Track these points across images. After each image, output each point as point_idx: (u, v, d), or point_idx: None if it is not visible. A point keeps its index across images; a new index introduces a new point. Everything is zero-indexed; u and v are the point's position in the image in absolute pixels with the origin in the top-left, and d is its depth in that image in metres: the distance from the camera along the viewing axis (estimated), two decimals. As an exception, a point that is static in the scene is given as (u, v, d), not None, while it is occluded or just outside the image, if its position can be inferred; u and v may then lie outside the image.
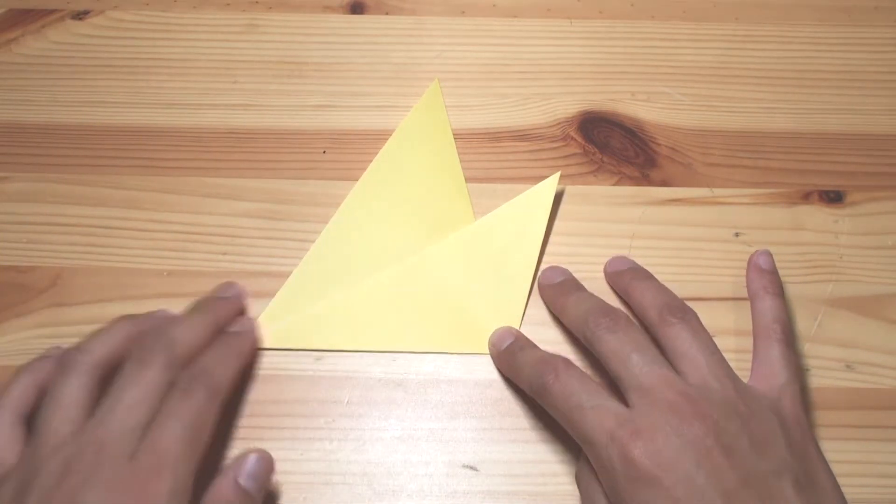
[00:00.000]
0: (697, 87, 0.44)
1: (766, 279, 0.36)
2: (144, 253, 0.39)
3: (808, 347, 0.37)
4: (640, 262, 0.38)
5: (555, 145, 0.42)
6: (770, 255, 0.37)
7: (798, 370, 0.33)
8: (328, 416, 0.35)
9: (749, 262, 0.37)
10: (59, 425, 0.29)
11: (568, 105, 0.43)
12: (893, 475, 0.35)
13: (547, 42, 0.45)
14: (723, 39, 0.45)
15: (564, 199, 0.40)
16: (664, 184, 0.41)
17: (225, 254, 0.39)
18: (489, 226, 0.39)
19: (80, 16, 0.45)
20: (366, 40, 0.45)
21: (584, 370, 0.32)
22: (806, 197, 0.41)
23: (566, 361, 0.32)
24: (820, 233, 0.40)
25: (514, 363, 0.34)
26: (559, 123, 0.42)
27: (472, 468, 0.34)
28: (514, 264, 0.38)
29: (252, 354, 0.36)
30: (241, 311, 0.37)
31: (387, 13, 0.46)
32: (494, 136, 0.42)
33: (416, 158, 0.41)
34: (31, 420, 0.31)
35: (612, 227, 0.40)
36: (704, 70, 0.44)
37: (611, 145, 0.42)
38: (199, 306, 0.35)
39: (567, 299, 0.35)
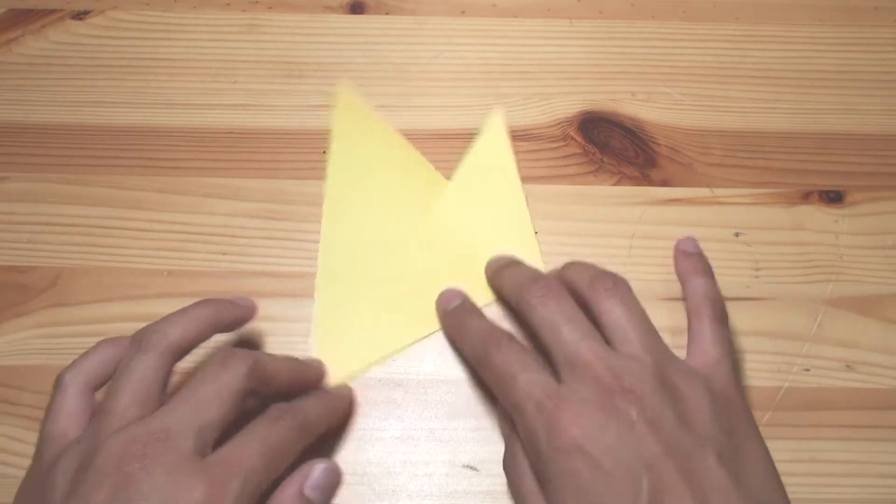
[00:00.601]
0: (697, 87, 0.44)
1: (693, 261, 0.36)
2: (144, 253, 0.39)
3: (808, 347, 0.37)
4: (641, 262, 0.38)
5: (555, 145, 0.42)
6: (694, 239, 0.38)
7: (730, 347, 0.33)
8: (328, 416, 0.35)
9: (675, 249, 0.38)
10: (128, 405, 0.29)
11: (568, 105, 0.43)
12: (893, 475, 0.35)
13: (547, 42, 0.45)
14: (723, 39, 0.45)
15: (564, 198, 0.40)
16: (664, 184, 0.41)
17: (225, 254, 0.39)
18: (465, 180, 0.40)
19: (80, 16, 0.45)
20: (366, 40, 0.45)
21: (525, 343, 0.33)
22: (806, 197, 0.41)
23: (510, 336, 0.32)
24: (820, 233, 0.40)
25: (461, 327, 0.35)
26: (559, 123, 0.42)
27: (472, 468, 0.34)
28: (505, 205, 0.39)
29: (344, 417, 0.35)
30: (321, 377, 0.36)
31: (387, 13, 0.46)
32: (494, 136, 0.42)
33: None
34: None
35: (612, 227, 0.40)
36: (704, 70, 0.44)
37: (611, 145, 0.42)
38: (286, 355, 0.34)
39: (505, 271, 0.36)
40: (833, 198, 0.40)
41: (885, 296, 0.38)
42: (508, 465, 0.32)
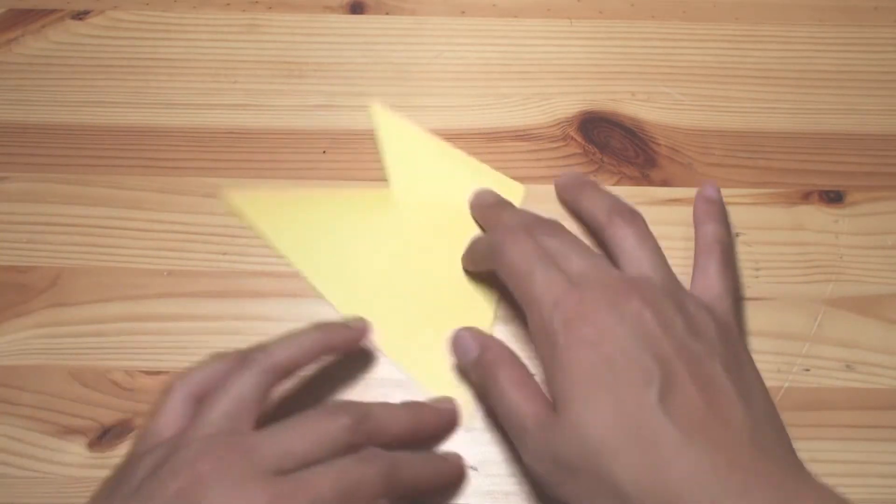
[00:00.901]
0: (697, 87, 0.44)
1: (713, 207, 0.38)
2: (144, 253, 0.39)
3: (808, 347, 0.37)
4: (640, 262, 0.38)
5: (555, 145, 0.42)
6: (716, 186, 0.39)
7: (734, 287, 0.34)
8: (328, 416, 0.35)
9: (697, 194, 0.39)
10: (220, 416, 0.29)
11: (568, 105, 0.43)
12: (893, 475, 0.35)
13: (547, 42, 0.45)
14: (723, 39, 0.45)
15: (564, 199, 0.40)
16: (664, 184, 0.41)
17: (225, 254, 0.39)
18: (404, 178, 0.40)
19: (80, 16, 0.45)
20: (366, 40, 0.45)
21: None
22: (806, 197, 0.41)
23: (525, 234, 0.33)
24: (820, 233, 0.40)
25: (473, 246, 0.36)
26: (559, 123, 0.42)
27: (472, 468, 0.34)
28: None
29: (451, 483, 0.34)
30: (451, 425, 0.35)
31: (387, 13, 0.46)
32: (494, 136, 0.42)
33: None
34: None
35: (612, 227, 0.40)
36: (704, 70, 0.44)
37: (611, 145, 0.42)
38: (410, 404, 0.34)
39: (501, 214, 0.37)
40: (833, 198, 0.40)
41: (885, 296, 0.38)
42: (492, 388, 0.32)
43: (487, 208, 0.38)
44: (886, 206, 0.40)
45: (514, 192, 0.40)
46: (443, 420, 0.35)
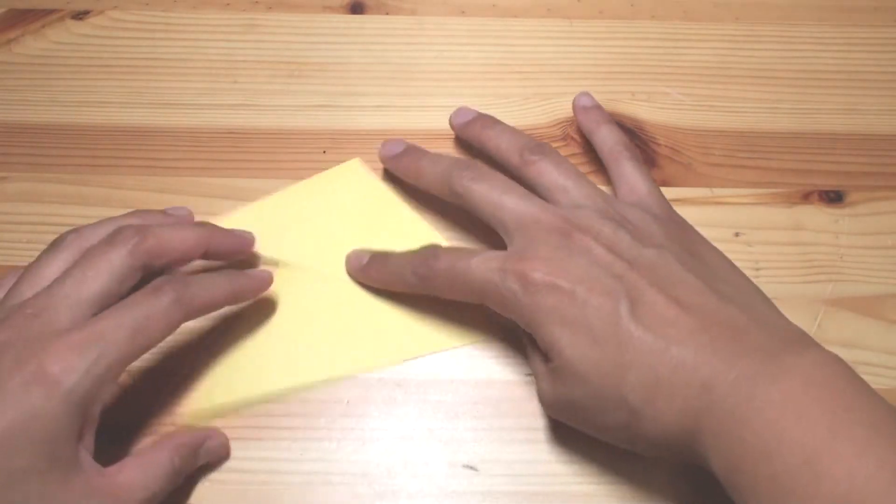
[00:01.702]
0: (697, 87, 0.44)
1: (593, 114, 0.39)
2: (144, 253, 0.39)
3: (808, 347, 0.37)
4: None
5: (555, 145, 0.42)
6: (589, 94, 0.40)
7: (654, 182, 0.35)
8: (328, 416, 0.35)
9: (573, 107, 0.40)
10: (23, 289, 0.30)
11: (568, 105, 0.43)
12: (893, 475, 0.35)
13: (547, 42, 0.45)
14: (723, 39, 0.45)
15: (564, 199, 0.40)
16: (664, 184, 0.41)
17: (225, 254, 0.39)
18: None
19: (80, 16, 0.45)
20: (366, 40, 0.45)
21: None
22: (806, 197, 0.41)
23: (440, 247, 0.34)
24: (820, 233, 0.40)
25: (390, 268, 0.36)
26: (559, 123, 0.42)
27: (472, 468, 0.34)
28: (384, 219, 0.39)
29: (249, 296, 0.35)
30: (244, 250, 0.36)
31: (387, 13, 0.46)
32: (494, 136, 0.42)
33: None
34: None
35: (612, 227, 0.40)
36: (704, 70, 0.44)
37: (611, 145, 0.42)
38: (201, 223, 0.35)
39: (420, 163, 0.37)
40: (833, 198, 0.40)
41: (885, 296, 0.38)
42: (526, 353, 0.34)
43: (398, 159, 0.38)
44: (886, 206, 0.40)
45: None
46: (236, 243, 0.35)
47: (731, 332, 0.28)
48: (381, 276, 0.36)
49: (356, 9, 0.46)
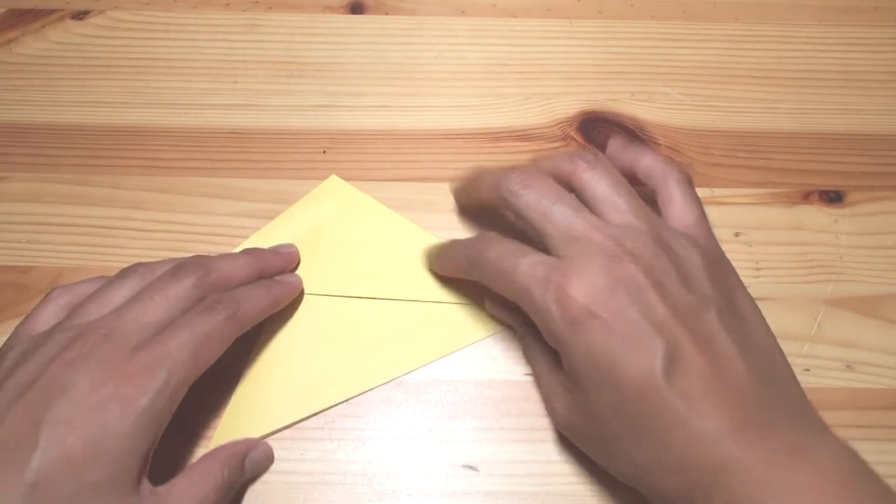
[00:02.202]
0: (697, 87, 0.44)
1: (633, 148, 0.35)
2: (144, 253, 0.39)
3: (808, 347, 0.37)
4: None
5: (555, 145, 0.42)
6: (620, 136, 0.38)
7: (703, 209, 0.34)
8: (328, 416, 0.35)
9: (608, 151, 0.36)
10: (91, 310, 0.31)
11: (568, 105, 0.43)
12: (893, 475, 0.35)
13: (547, 42, 0.45)
14: (723, 39, 0.45)
15: (564, 199, 0.40)
16: (664, 184, 0.41)
17: (225, 254, 0.39)
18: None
19: (80, 16, 0.45)
20: (366, 40, 0.45)
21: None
22: (806, 197, 0.41)
23: (498, 234, 0.33)
24: (820, 233, 0.40)
25: (446, 250, 0.36)
26: (559, 123, 0.42)
27: (472, 468, 0.34)
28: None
29: (286, 302, 0.36)
30: (291, 268, 0.37)
31: (387, 13, 0.46)
32: (494, 136, 0.42)
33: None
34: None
35: (612, 227, 0.39)
36: (704, 70, 0.44)
37: (611, 145, 0.42)
38: (249, 251, 0.36)
39: (479, 182, 0.35)
40: (833, 198, 0.40)
41: (885, 296, 0.38)
42: (526, 355, 0.35)
43: (466, 185, 0.37)
44: (886, 206, 0.40)
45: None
46: (283, 261, 0.37)
47: (755, 413, 0.27)
48: (441, 261, 0.36)
49: (356, 9, 0.46)
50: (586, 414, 0.30)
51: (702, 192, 0.40)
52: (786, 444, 0.26)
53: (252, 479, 0.33)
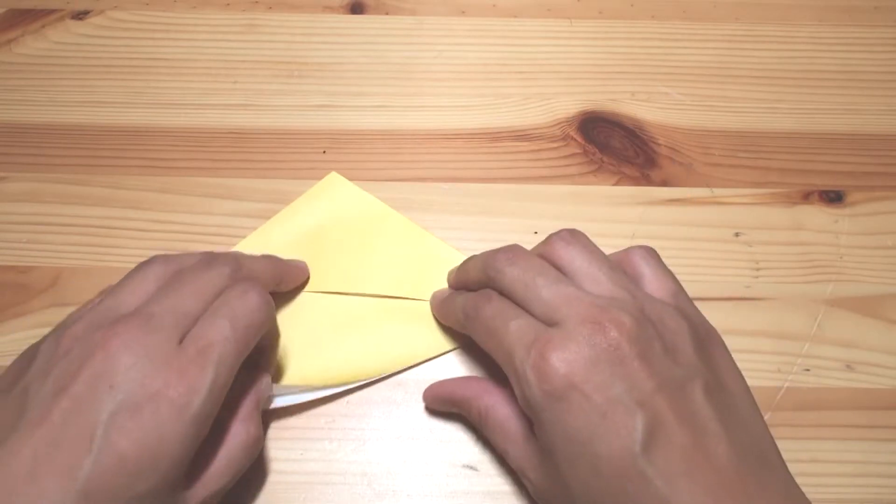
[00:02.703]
0: (697, 87, 0.44)
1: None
2: (144, 253, 0.38)
3: (808, 347, 0.37)
4: (640, 262, 0.38)
5: (555, 145, 0.42)
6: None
7: (677, 280, 0.33)
8: (328, 416, 0.35)
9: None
10: (126, 297, 0.30)
11: (568, 105, 0.43)
12: (893, 475, 0.35)
13: (547, 42, 0.45)
14: (723, 39, 0.45)
15: (565, 198, 0.40)
16: (664, 184, 0.41)
17: (225, 254, 0.39)
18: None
19: (80, 16, 0.45)
20: (366, 40, 0.45)
21: None
22: (806, 197, 0.41)
23: (495, 295, 0.32)
24: (820, 233, 0.40)
25: (449, 301, 0.35)
26: (559, 123, 0.42)
27: (472, 468, 0.34)
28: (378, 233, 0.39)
29: (287, 284, 0.37)
30: (305, 277, 0.38)
31: (387, 13, 0.46)
32: (494, 136, 0.42)
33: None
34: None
35: (612, 227, 0.40)
36: (704, 70, 0.44)
37: (611, 145, 0.42)
38: (269, 257, 0.36)
39: (467, 264, 0.35)
40: (833, 198, 0.40)
41: (885, 296, 0.38)
42: (490, 424, 0.33)
43: (456, 271, 0.36)
44: (886, 206, 0.40)
45: (453, 260, 0.37)
46: (302, 273, 0.37)
47: (738, 495, 0.26)
48: (441, 310, 0.36)
49: (356, 9, 0.46)
50: (560, 486, 0.29)
51: (702, 191, 0.40)
52: None
53: (266, 406, 0.33)
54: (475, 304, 0.32)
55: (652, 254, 0.33)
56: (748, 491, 0.27)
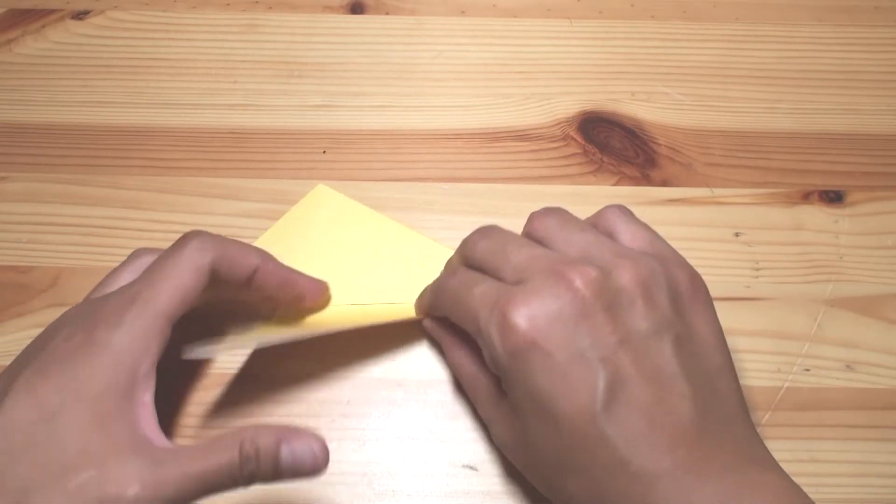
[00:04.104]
0: (697, 87, 0.44)
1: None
2: (144, 253, 0.39)
3: (808, 347, 0.37)
4: (640, 262, 0.38)
5: (555, 145, 0.42)
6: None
7: (653, 230, 0.32)
8: (328, 416, 0.35)
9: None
10: (115, 286, 0.31)
11: (568, 105, 0.43)
12: (893, 475, 0.35)
13: (547, 42, 0.45)
14: (723, 39, 0.45)
15: (565, 198, 0.40)
16: (664, 184, 0.41)
17: (225, 254, 0.39)
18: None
19: (80, 16, 0.45)
20: (366, 40, 0.45)
21: None
22: (806, 197, 0.41)
23: (462, 267, 0.32)
24: (820, 233, 0.40)
25: (421, 294, 0.35)
26: (559, 123, 0.42)
27: (472, 468, 0.34)
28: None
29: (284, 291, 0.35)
30: (292, 285, 0.35)
31: (387, 13, 0.46)
32: (494, 136, 0.42)
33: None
34: None
35: (612, 227, 0.40)
36: (704, 70, 0.44)
37: (611, 145, 0.42)
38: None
39: (449, 260, 0.35)
40: (833, 198, 0.41)
41: (885, 296, 0.38)
42: (464, 381, 0.33)
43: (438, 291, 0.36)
44: (886, 206, 0.40)
45: (440, 257, 0.37)
46: (283, 268, 0.34)
47: (699, 452, 0.26)
48: (417, 304, 0.36)
49: (356, 9, 0.46)
50: (525, 443, 0.29)
51: (702, 191, 0.40)
52: (732, 486, 0.25)
53: (290, 477, 0.28)
54: (440, 281, 0.33)
55: (624, 210, 0.32)
56: (707, 453, 0.26)
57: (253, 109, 0.43)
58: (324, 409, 0.35)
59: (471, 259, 0.32)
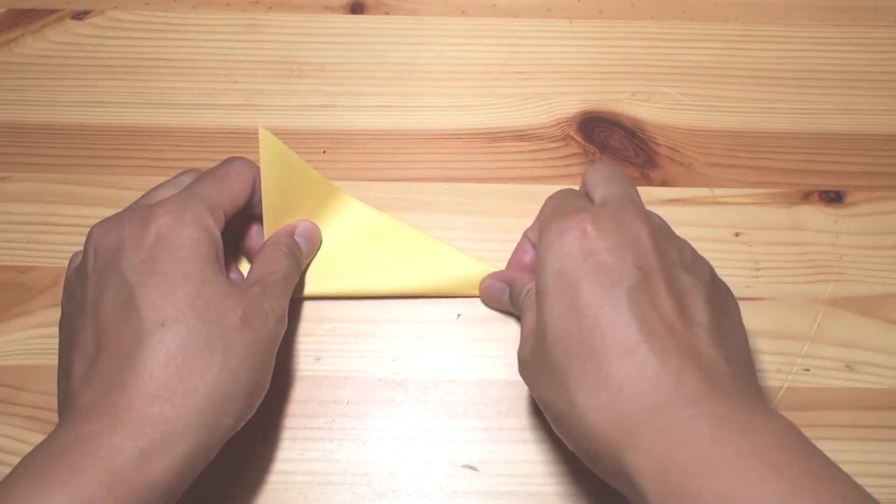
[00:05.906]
0: (697, 87, 0.44)
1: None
2: (144, 253, 0.39)
3: (808, 347, 0.37)
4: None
5: (555, 145, 0.42)
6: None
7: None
8: (328, 416, 0.35)
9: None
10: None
11: (568, 105, 0.43)
12: (893, 475, 0.35)
13: (547, 42, 0.45)
14: (723, 39, 0.45)
15: (564, 199, 0.40)
16: (664, 184, 0.41)
17: (225, 254, 0.39)
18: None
19: (80, 16, 0.45)
20: (366, 40, 0.45)
21: None
22: (806, 197, 0.41)
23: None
24: (820, 233, 0.40)
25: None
26: (559, 123, 0.42)
27: (472, 468, 0.34)
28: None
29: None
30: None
31: (387, 13, 0.46)
32: (494, 136, 0.42)
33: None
34: None
35: (612, 227, 0.39)
36: (704, 70, 0.44)
37: (611, 145, 0.42)
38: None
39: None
40: (833, 198, 0.41)
41: (885, 296, 0.38)
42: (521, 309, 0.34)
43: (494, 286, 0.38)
44: (886, 206, 0.40)
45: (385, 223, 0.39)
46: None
47: (708, 371, 0.26)
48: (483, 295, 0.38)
49: (356, 9, 0.46)
50: (541, 341, 0.29)
51: (702, 191, 0.40)
52: (735, 409, 0.25)
53: (309, 253, 0.36)
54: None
55: (600, 162, 0.35)
56: (719, 374, 0.26)
57: (253, 109, 0.43)
58: (324, 409, 0.35)
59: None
